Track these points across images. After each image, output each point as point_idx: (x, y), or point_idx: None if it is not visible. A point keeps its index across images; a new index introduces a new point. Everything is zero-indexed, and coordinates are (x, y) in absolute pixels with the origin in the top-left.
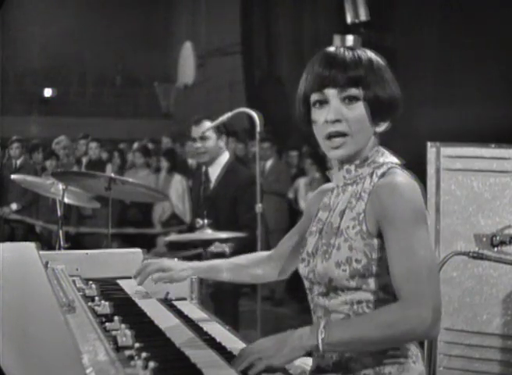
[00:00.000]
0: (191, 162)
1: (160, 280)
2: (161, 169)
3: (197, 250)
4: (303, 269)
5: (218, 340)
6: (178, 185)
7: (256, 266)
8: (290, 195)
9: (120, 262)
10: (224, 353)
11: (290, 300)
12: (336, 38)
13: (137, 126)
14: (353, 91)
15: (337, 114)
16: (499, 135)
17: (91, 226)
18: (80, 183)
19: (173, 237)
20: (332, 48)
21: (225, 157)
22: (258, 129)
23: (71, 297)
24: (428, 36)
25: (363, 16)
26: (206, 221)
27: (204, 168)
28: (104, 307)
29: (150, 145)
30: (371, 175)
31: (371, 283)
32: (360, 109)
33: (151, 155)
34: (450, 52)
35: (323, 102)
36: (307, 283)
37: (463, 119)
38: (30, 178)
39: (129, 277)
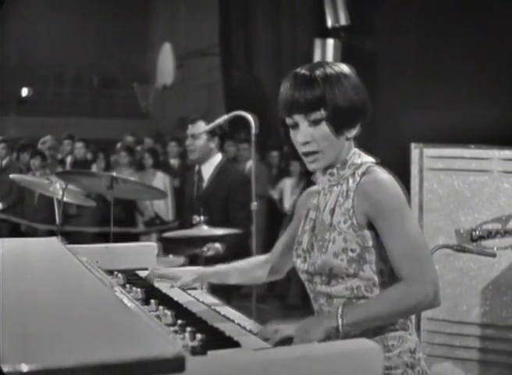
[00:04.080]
0: (173, 162)
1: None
2: (145, 168)
3: (194, 250)
4: (300, 265)
5: (236, 320)
6: (160, 183)
7: (257, 269)
8: (275, 196)
9: (136, 254)
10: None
11: (272, 297)
12: (317, 42)
13: (115, 127)
14: (317, 114)
15: (306, 136)
16: (478, 137)
17: (76, 225)
18: (82, 183)
19: (170, 233)
20: (297, 70)
21: (217, 158)
22: (254, 131)
23: (108, 284)
24: (408, 39)
25: (343, 20)
26: (202, 218)
27: (197, 167)
28: (137, 293)
29: (132, 144)
30: (353, 175)
31: (367, 269)
32: (324, 128)
33: (135, 154)
34: (430, 55)
35: (294, 126)
36: (305, 277)
37: (444, 122)
38: (28, 178)
39: (146, 269)
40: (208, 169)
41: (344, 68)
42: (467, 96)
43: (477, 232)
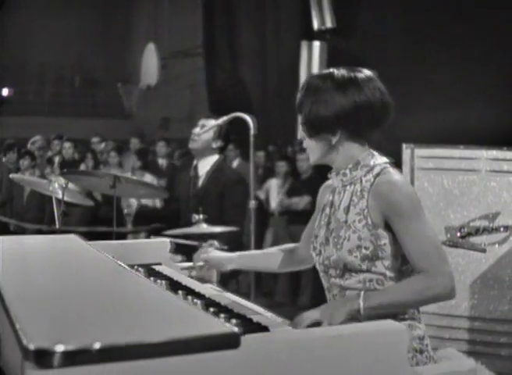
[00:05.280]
0: (161, 161)
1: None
2: (134, 168)
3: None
4: (316, 257)
5: (256, 309)
6: None
7: (286, 255)
8: (262, 196)
9: (150, 250)
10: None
11: (259, 294)
12: (304, 44)
13: (97, 127)
14: (301, 118)
15: (299, 134)
16: (467, 138)
17: (65, 224)
18: (85, 182)
19: (170, 231)
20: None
21: (214, 157)
22: (252, 132)
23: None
24: (393, 41)
25: (329, 22)
26: (201, 216)
27: (195, 162)
28: (162, 285)
29: (112, 144)
30: (366, 175)
31: (379, 265)
32: (304, 131)
33: (124, 154)
34: (415, 57)
35: None
36: (321, 268)
37: (432, 123)
38: (27, 177)
39: (160, 263)
40: (204, 167)
41: (335, 80)
42: (454, 98)
43: (465, 229)
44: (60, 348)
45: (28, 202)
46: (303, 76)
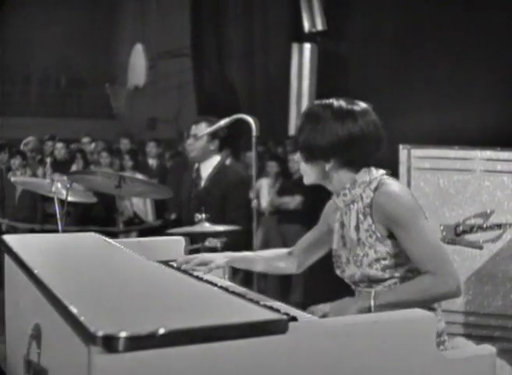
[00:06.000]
0: (152, 162)
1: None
2: (125, 169)
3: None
4: (341, 274)
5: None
6: None
7: (280, 260)
8: (252, 196)
9: (166, 248)
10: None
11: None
12: (294, 46)
13: (85, 127)
14: (299, 143)
15: (297, 157)
16: (462, 138)
17: (55, 224)
18: (91, 182)
19: (174, 230)
20: None
21: (216, 158)
22: (254, 133)
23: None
24: (383, 44)
25: (320, 25)
26: (204, 215)
27: (196, 165)
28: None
29: (103, 145)
30: (365, 191)
31: (400, 270)
32: (300, 155)
33: (116, 154)
34: (405, 60)
35: None
36: (349, 281)
37: (427, 125)
38: (29, 179)
39: (174, 260)
40: (206, 169)
41: (333, 111)
42: (447, 100)
43: (460, 227)
44: (124, 333)
45: (20, 202)
46: (294, 79)
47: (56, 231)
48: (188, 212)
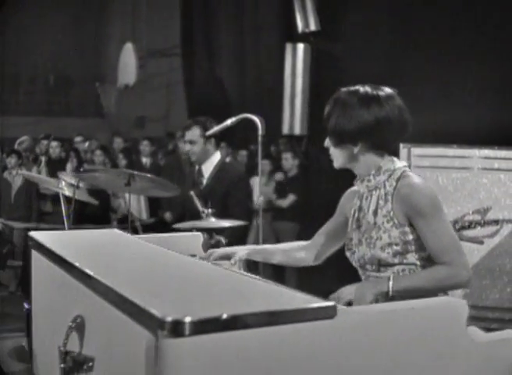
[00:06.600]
0: (145, 160)
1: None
2: (119, 167)
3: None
4: (351, 256)
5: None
6: None
7: (299, 251)
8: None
9: (185, 243)
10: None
11: None
12: (288, 46)
13: (75, 126)
14: (328, 128)
15: (326, 143)
16: (460, 137)
17: (50, 223)
18: (100, 180)
19: (180, 224)
20: None
21: (216, 156)
22: (260, 132)
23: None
24: (377, 44)
25: (313, 25)
26: (210, 211)
27: (197, 166)
28: None
29: (95, 144)
30: (388, 180)
31: (409, 257)
32: (329, 140)
33: (110, 153)
34: (399, 60)
35: None
36: (357, 264)
37: (427, 124)
38: (37, 175)
39: (195, 255)
40: (208, 168)
41: (359, 97)
42: (445, 99)
43: (459, 223)
44: (190, 318)
45: (16, 201)
46: (287, 78)
47: (53, 229)
48: (192, 209)
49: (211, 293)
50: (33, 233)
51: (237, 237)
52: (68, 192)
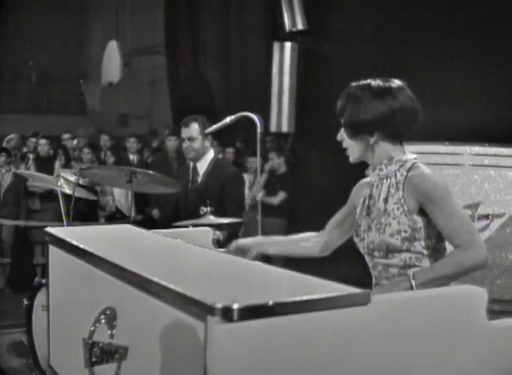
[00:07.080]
0: (132, 157)
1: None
2: (107, 164)
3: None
4: (359, 242)
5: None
6: None
7: (306, 241)
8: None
9: (196, 238)
10: None
11: None
12: (275, 45)
13: (58, 123)
14: (342, 121)
15: (339, 136)
16: (451, 135)
17: (39, 220)
18: (102, 177)
19: (180, 222)
20: None
21: (210, 154)
22: (259, 130)
23: None
24: (365, 43)
25: (300, 24)
26: (209, 208)
27: (192, 164)
28: None
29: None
30: (399, 170)
31: (417, 245)
32: (345, 132)
33: (98, 150)
34: (386, 58)
35: None
36: (365, 251)
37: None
38: (36, 174)
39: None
40: (202, 165)
41: (372, 90)
42: (433, 97)
43: None
44: (237, 305)
45: (5, 198)
46: (275, 77)
47: (39, 227)
48: (187, 207)
49: (245, 282)
50: (49, 229)
51: (231, 233)
52: (68, 190)
